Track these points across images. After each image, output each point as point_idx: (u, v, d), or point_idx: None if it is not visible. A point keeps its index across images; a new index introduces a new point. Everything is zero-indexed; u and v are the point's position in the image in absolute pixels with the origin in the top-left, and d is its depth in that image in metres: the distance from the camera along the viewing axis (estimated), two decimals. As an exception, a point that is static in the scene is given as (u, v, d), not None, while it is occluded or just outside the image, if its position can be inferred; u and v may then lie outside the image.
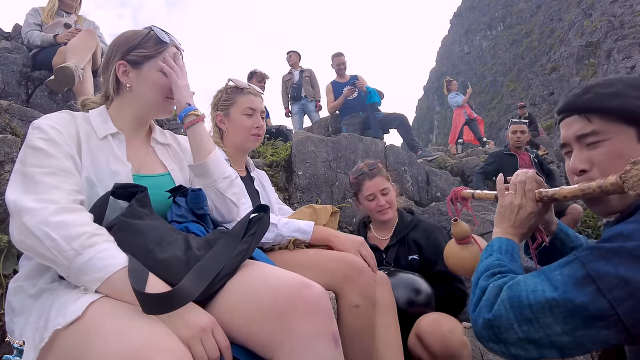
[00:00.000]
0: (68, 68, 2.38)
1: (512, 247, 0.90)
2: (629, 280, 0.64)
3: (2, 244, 1.41)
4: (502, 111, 42.24)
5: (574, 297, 0.67)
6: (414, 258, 1.76)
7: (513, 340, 0.73)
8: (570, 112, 0.87)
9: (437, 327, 1.39)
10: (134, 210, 0.92)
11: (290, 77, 6.18)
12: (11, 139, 1.72)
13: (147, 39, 1.11)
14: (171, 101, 1.13)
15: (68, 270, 0.79)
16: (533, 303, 0.71)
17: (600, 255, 0.68)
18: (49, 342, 0.73)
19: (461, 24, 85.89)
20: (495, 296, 0.78)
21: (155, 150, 1.16)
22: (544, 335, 0.70)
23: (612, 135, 0.80)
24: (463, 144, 7.65)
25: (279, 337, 0.78)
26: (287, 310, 0.80)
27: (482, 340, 0.79)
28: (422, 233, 1.81)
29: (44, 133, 0.93)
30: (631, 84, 0.82)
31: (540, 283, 0.73)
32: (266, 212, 1.03)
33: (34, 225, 0.79)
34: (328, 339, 0.80)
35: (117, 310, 0.75)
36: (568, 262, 0.73)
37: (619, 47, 19.18)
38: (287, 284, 0.84)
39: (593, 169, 0.83)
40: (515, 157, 3.88)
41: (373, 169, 1.84)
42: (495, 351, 0.78)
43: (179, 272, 0.84)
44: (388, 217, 1.82)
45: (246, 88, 1.59)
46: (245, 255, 0.93)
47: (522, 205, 0.91)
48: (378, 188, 1.80)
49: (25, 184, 0.86)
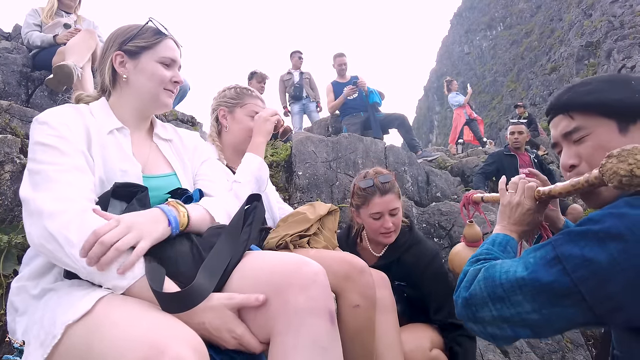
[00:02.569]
0: (66, 66, 2.37)
1: (507, 241, 0.94)
2: (591, 260, 0.67)
3: (2, 244, 1.41)
4: (502, 111, 42.23)
5: (541, 277, 0.72)
6: (401, 284, 1.62)
7: (488, 319, 0.78)
8: (555, 112, 0.92)
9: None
10: (134, 210, 0.92)
11: (290, 77, 6.17)
12: (11, 139, 1.72)
13: (144, 30, 1.10)
14: (170, 93, 1.12)
15: (91, 276, 0.79)
16: (504, 282, 0.76)
17: (569, 239, 0.72)
18: (58, 339, 0.73)
19: (461, 24, 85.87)
20: (474, 277, 0.83)
21: (158, 146, 1.15)
22: (515, 313, 0.75)
23: (594, 129, 0.84)
24: (463, 144, 7.65)
25: (274, 312, 0.78)
26: (283, 286, 0.79)
27: (462, 320, 0.85)
28: (415, 259, 1.61)
29: (52, 129, 0.92)
30: (605, 80, 0.87)
31: (514, 265, 0.78)
32: (259, 201, 1.03)
33: (56, 229, 0.79)
34: (324, 315, 0.79)
35: (127, 303, 0.76)
36: (542, 245, 0.77)
37: (619, 47, 19.18)
38: (285, 262, 0.85)
39: (582, 164, 0.87)
40: (515, 158, 3.89)
41: (386, 182, 1.57)
42: (475, 331, 0.83)
43: (187, 267, 0.85)
44: (390, 241, 1.62)
45: (249, 90, 1.61)
46: (247, 245, 0.94)
47: (520, 202, 0.95)
48: (388, 207, 1.55)
49: (40, 182, 0.85)
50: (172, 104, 1.18)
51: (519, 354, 2.14)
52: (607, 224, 0.69)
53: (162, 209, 0.89)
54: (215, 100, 1.64)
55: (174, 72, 1.13)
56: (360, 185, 1.60)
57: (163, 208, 0.89)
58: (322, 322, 0.78)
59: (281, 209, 1.70)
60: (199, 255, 0.88)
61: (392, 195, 1.56)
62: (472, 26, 78.79)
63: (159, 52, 1.10)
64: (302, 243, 1.35)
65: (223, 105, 1.59)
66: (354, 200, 1.65)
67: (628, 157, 0.69)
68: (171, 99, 1.14)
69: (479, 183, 3.79)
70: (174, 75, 1.12)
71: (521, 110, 9.22)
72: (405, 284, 1.62)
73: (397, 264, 1.63)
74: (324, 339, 0.77)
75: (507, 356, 2.12)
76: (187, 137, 1.24)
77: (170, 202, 0.93)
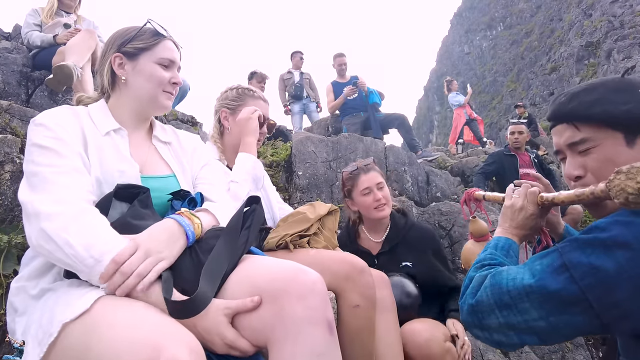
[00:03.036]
0: (66, 66, 2.37)
1: (509, 245, 0.94)
2: (599, 268, 0.67)
3: (2, 244, 1.41)
4: (502, 111, 42.23)
5: (548, 284, 0.72)
6: (407, 265, 1.71)
7: (495, 326, 0.78)
8: (559, 120, 0.90)
9: (415, 337, 1.39)
10: (136, 211, 0.92)
11: (290, 77, 6.17)
12: (11, 139, 1.72)
13: (143, 32, 1.10)
14: (168, 95, 1.12)
15: (89, 275, 0.79)
16: (512, 289, 0.76)
17: (577, 246, 0.72)
18: (55, 338, 0.73)
19: (461, 24, 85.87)
20: (480, 284, 0.82)
21: (157, 148, 1.15)
22: (522, 320, 0.75)
23: (601, 141, 0.82)
24: (463, 144, 7.65)
25: (271, 321, 0.77)
26: (280, 294, 0.78)
27: (468, 326, 0.84)
28: (416, 238, 1.76)
29: (49, 130, 0.92)
30: (614, 88, 0.83)
31: (521, 272, 0.77)
32: (258, 204, 1.03)
33: (54, 231, 0.79)
34: (322, 325, 0.78)
35: (126, 303, 0.76)
36: (549, 252, 0.77)
37: (619, 47, 19.18)
38: (282, 269, 0.83)
39: (587, 175, 0.85)
40: (515, 158, 3.88)
41: (368, 164, 1.83)
42: (480, 338, 0.82)
43: (185, 270, 0.85)
44: (385, 214, 1.76)
45: (250, 90, 1.62)
46: (245, 248, 0.93)
47: (523, 207, 0.95)
48: (374, 182, 1.76)
49: (37, 184, 0.85)
50: (172, 104, 1.18)
51: (519, 354, 2.15)
52: (614, 232, 0.69)
53: (179, 222, 0.89)
54: (217, 102, 1.65)
55: (172, 73, 1.12)
56: (347, 170, 1.86)
57: (181, 222, 0.89)
58: (320, 331, 0.77)
59: (281, 209, 1.70)
60: (197, 259, 0.88)
61: (375, 173, 1.79)
62: (472, 26, 78.78)
63: (157, 53, 1.09)
64: (302, 243, 1.35)
65: (224, 107, 1.59)
66: (345, 187, 1.85)
67: (637, 175, 0.67)
68: (170, 100, 1.13)
69: (479, 183, 3.79)
70: (172, 76, 1.11)
71: (521, 110, 9.22)
72: (411, 264, 1.71)
73: (402, 244, 1.76)
74: (322, 348, 0.76)
75: (507, 356, 2.12)
76: (186, 140, 1.23)
77: (184, 213, 0.92)
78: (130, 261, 0.78)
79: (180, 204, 1.04)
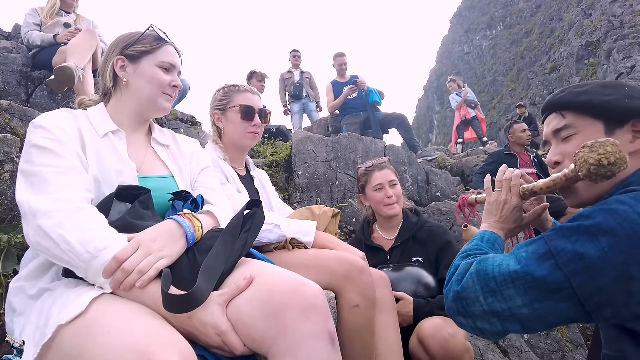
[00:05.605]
0: (68, 68, 2.38)
1: (495, 238, 0.95)
2: (583, 255, 0.69)
3: (2, 244, 1.41)
4: (502, 111, 42.24)
5: (534, 271, 0.73)
6: (418, 260, 1.75)
7: (479, 313, 0.79)
8: (549, 110, 0.94)
9: (439, 331, 1.38)
10: (137, 211, 0.93)
11: (290, 76, 6.18)
12: (11, 139, 1.72)
13: (145, 36, 1.13)
14: (168, 97, 1.14)
15: (85, 271, 0.80)
16: (497, 275, 0.77)
17: (562, 234, 0.73)
18: (50, 339, 0.73)
19: (461, 24, 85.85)
20: (466, 271, 0.84)
21: (155, 150, 1.16)
22: (507, 308, 0.76)
23: (582, 128, 0.87)
24: (463, 144, 7.65)
25: (272, 333, 0.77)
26: (281, 308, 0.79)
27: (452, 314, 0.85)
28: (428, 234, 1.80)
29: (48, 132, 0.93)
30: (600, 84, 0.89)
31: (507, 259, 0.79)
32: (259, 207, 1.03)
33: (50, 228, 0.80)
34: (324, 338, 0.79)
35: (120, 306, 0.76)
36: (535, 241, 0.78)
37: (619, 47, 19.17)
38: (282, 282, 0.84)
39: (565, 161, 0.89)
40: (515, 157, 3.89)
41: (382, 162, 1.92)
42: (464, 326, 0.84)
43: (180, 269, 0.85)
44: (395, 212, 1.82)
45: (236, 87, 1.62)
46: (243, 252, 0.93)
47: (507, 200, 0.98)
48: (387, 179, 1.83)
49: (36, 183, 0.86)
50: (172, 105, 1.19)
51: (518, 353, 2.14)
52: (598, 219, 0.70)
53: (180, 223, 0.90)
54: (210, 106, 1.66)
55: (173, 77, 1.15)
56: (362, 167, 1.96)
57: (182, 223, 0.90)
58: (322, 344, 0.78)
59: (281, 209, 1.71)
60: (195, 259, 0.88)
61: (389, 171, 1.89)
62: (472, 26, 78.79)
63: (159, 57, 1.12)
64: (300, 244, 1.35)
65: (215, 110, 1.61)
66: (360, 183, 1.95)
67: (599, 148, 0.72)
68: (169, 103, 1.16)
69: (479, 183, 3.79)
70: (173, 79, 1.14)
71: (522, 110, 9.23)
72: (422, 259, 1.75)
73: (413, 241, 1.81)
74: None
75: (507, 356, 2.12)
76: (185, 144, 1.25)
77: (186, 215, 0.93)
78: (132, 259, 0.79)
79: (182, 205, 1.04)
